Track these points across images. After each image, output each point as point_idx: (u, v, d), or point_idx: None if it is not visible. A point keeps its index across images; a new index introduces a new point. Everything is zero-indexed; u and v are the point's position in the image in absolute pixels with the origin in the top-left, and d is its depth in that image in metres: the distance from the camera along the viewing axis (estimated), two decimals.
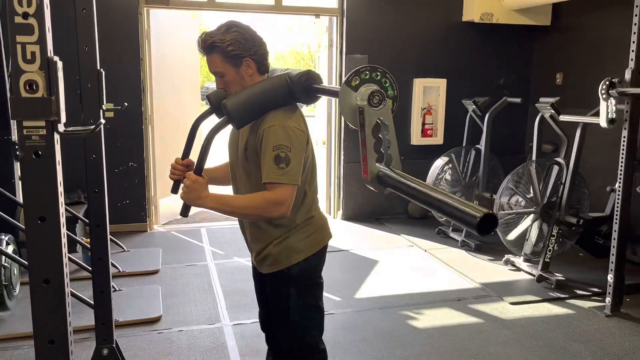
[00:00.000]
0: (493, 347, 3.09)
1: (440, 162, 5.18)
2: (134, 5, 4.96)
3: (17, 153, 3.91)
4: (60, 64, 1.24)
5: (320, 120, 6.22)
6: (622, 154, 3.44)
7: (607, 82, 3.37)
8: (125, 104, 3.53)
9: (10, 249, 3.33)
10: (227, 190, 2.08)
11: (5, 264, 3.24)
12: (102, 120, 1.52)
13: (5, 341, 3.04)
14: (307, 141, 1.86)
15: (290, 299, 1.96)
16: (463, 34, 5.77)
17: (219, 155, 2.03)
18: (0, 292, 3.22)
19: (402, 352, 3.03)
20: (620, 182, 3.47)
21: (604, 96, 3.39)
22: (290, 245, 1.92)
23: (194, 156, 1.96)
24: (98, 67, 2.30)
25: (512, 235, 4.25)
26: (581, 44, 5.35)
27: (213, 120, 1.95)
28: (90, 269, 3.12)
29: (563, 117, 4.00)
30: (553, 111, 4.08)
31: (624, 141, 3.43)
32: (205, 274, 4.18)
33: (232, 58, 1.83)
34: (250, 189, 1.89)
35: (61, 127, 1.26)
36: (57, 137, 1.26)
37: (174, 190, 2.03)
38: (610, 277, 3.50)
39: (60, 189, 1.28)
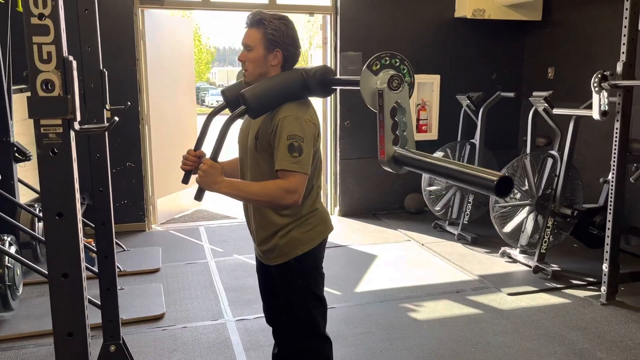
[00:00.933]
0: (492, 337, 3.15)
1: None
2: (128, 6, 4.98)
3: (16, 155, 3.92)
4: (74, 64, 1.28)
5: None
6: (615, 145, 3.50)
7: (599, 75, 3.43)
8: (129, 103, 3.56)
9: (12, 250, 3.35)
10: None
11: (9, 265, 3.26)
12: (116, 118, 1.55)
13: (10, 341, 3.07)
14: (317, 134, 1.93)
15: (299, 290, 2.02)
16: (456, 30, 5.83)
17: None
18: (4, 292, 3.24)
19: (403, 343, 3.08)
20: (613, 174, 3.54)
21: (596, 89, 3.46)
22: (296, 237, 1.98)
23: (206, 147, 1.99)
24: (101, 67, 2.34)
25: (508, 227, 4.31)
26: (572, 38, 5.42)
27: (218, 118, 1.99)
28: (93, 268, 3.17)
29: (556, 111, 4.07)
30: (546, 105, 4.14)
31: (616, 133, 3.50)
32: (206, 271, 4.21)
33: (268, 41, 1.89)
34: (260, 179, 1.93)
35: (77, 125, 1.30)
36: (73, 134, 1.29)
37: (185, 180, 2.06)
38: (605, 267, 3.57)
39: (77, 185, 1.32)
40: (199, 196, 1.86)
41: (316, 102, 6.31)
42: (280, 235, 1.98)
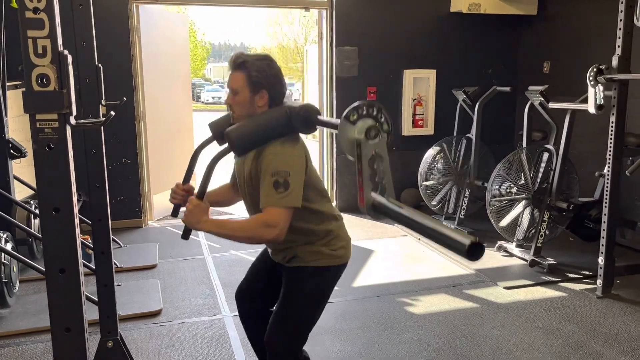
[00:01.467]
0: (489, 330, 3.17)
1: (431, 152, 5.24)
2: (123, 1, 4.96)
3: (12, 151, 3.90)
4: (70, 58, 1.27)
5: None
6: (611, 139, 3.51)
7: (595, 69, 3.44)
8: (124, 98, 3.55)
9: (8, 247, 3.33)
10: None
11: (5, 262, 3.25)
12: (112, 113, 1.55)
13: (7, 338, 3.06)
14: (306, 165, 1.92)
15: (305, 295, 2.04)
16: (451, 24, 5.83)
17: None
18: (1, 289, 3.23)
19: (400, 336, 3.09)
20: (609, 167, 3.54)
21: (592, 83, 3.46)
22: (318, 250, 2.01)
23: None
24: (96, 63, 2.33)
25: (505, 221, 4.33)
26: (567, 32, 5.43)
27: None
28: (90, 265, 3.16)
29: (552, 105, 4.07)
30: (542, 99, 4.15)
31: (612, 127, 3.50)
32: (203, 267, 4.21)
33: (253, 83, 1.91)
34: (258, 211, 1.94)
35: (72, 120, 1.29)
36: (68, 129, 1.29)
37: (174, 213, 2.14)
38: (600, 260, 3.59)
39: (73, 180, 1.32)
40: (185, 235, 1.91)
41: (314, 97, 6.30)
42: (301, 246, 2.00)
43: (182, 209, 2.05)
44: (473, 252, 0.98)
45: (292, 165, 1.84)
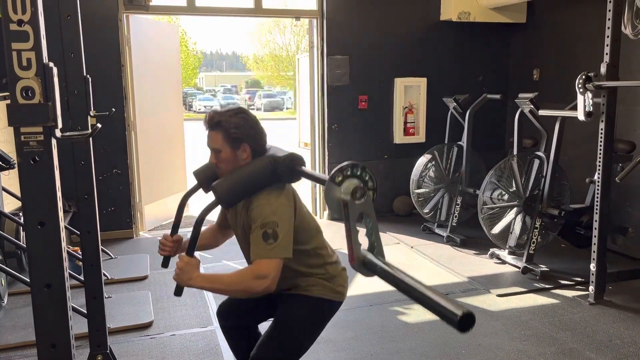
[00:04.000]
0: (482, 339, 3.16)
1: (423, 159, 5.25)
2: (113, 12, 4.95)
3: (0, 163, 3.86)
4: (55, 70, 1.26)
5: (303, 122, 6.26)
6: (600, 146, 3.53)
7: (584, 77, 3.46)
8: (113, 109, 3.53)
9: None
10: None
11: None
12: (98, 125, 1.54)
13: None
14: (296, 209, 1.93)
15: (297, 320, 2.02)
16: (441, 33, 5.86)
17: (203, 155, 2.07)
18: None
19: (394, 346, 3.07)
20: (599, 174, 3.56)
21: (581, 90, 3.49)
22: (319, 282, 2.02)
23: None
24: (84, 74, 2.31)
25: (497, 229, 4.33)
26: (556, 40, 5.48)
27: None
28: (79, 277, 3.13)
29: (542, 112, 4.09)
30: (532, 106, 4.17)
31: (601, 133, 3.52)
32: None
33: (233, 140, 1.91)
34: None
35: (58, 133, 1.28)
36: (54, 142, 1.27)
37: (164, 265, 2.13)
38: (592, 267, 3.59)
39: (59, 194, 1.30)
40: (178, 292, 1.90)
41: (304, 105, 6.31)
42: (304, 277, 2.01)
43: (174, 258, 2.07)
44: (464, 324, 0.95)
45: (280, 215, 1.84)
